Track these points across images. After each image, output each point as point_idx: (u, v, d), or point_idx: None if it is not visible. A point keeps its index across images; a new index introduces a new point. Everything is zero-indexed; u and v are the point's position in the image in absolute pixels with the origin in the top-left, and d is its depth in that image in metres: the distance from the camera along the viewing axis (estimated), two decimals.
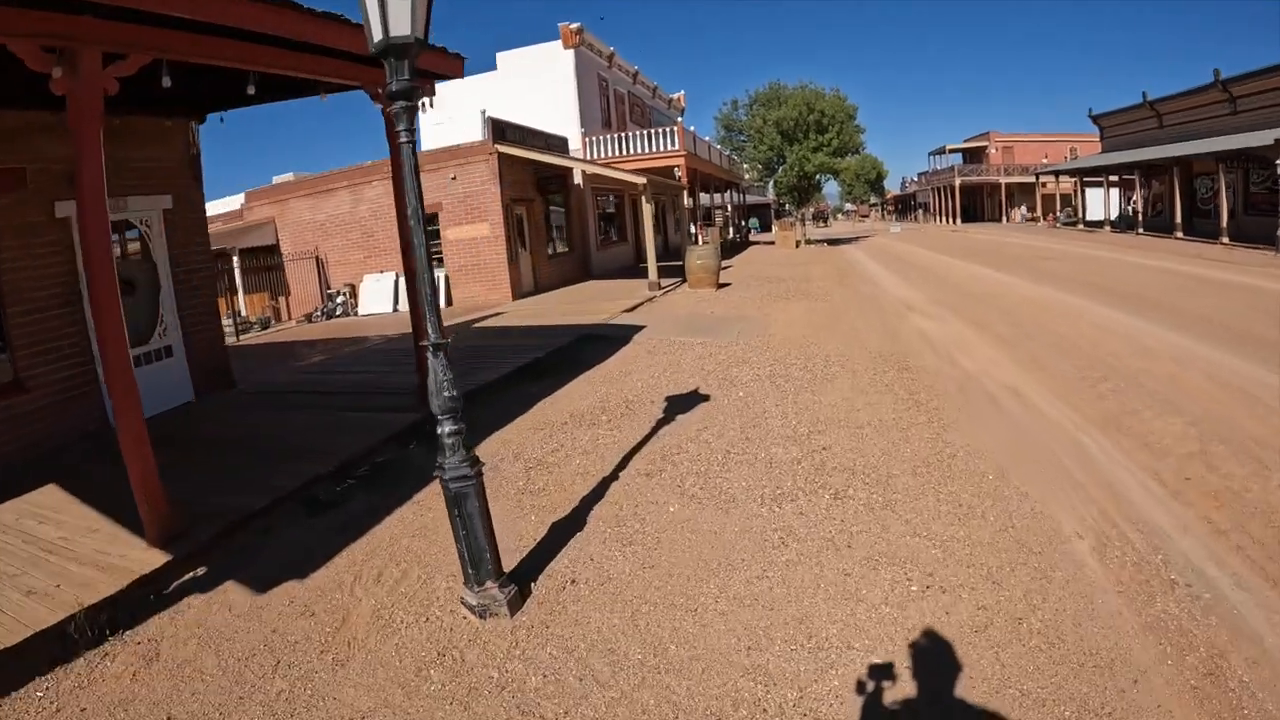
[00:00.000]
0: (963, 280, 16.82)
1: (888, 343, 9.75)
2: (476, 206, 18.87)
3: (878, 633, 3.21)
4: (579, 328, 12.30)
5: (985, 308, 12.36)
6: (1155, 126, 31.47)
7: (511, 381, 8.73)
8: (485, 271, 19.08)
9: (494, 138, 18.52)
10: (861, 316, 12.11)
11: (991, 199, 60.10)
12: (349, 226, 20.93)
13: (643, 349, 10.32)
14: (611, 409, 7.07)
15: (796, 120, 32.43)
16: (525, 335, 12.18)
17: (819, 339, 10.26)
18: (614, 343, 10.88)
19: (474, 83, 26.88)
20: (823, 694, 2.86)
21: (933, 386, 7.25)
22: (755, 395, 7.24)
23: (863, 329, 10.90)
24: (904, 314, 12.23)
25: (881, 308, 13.07)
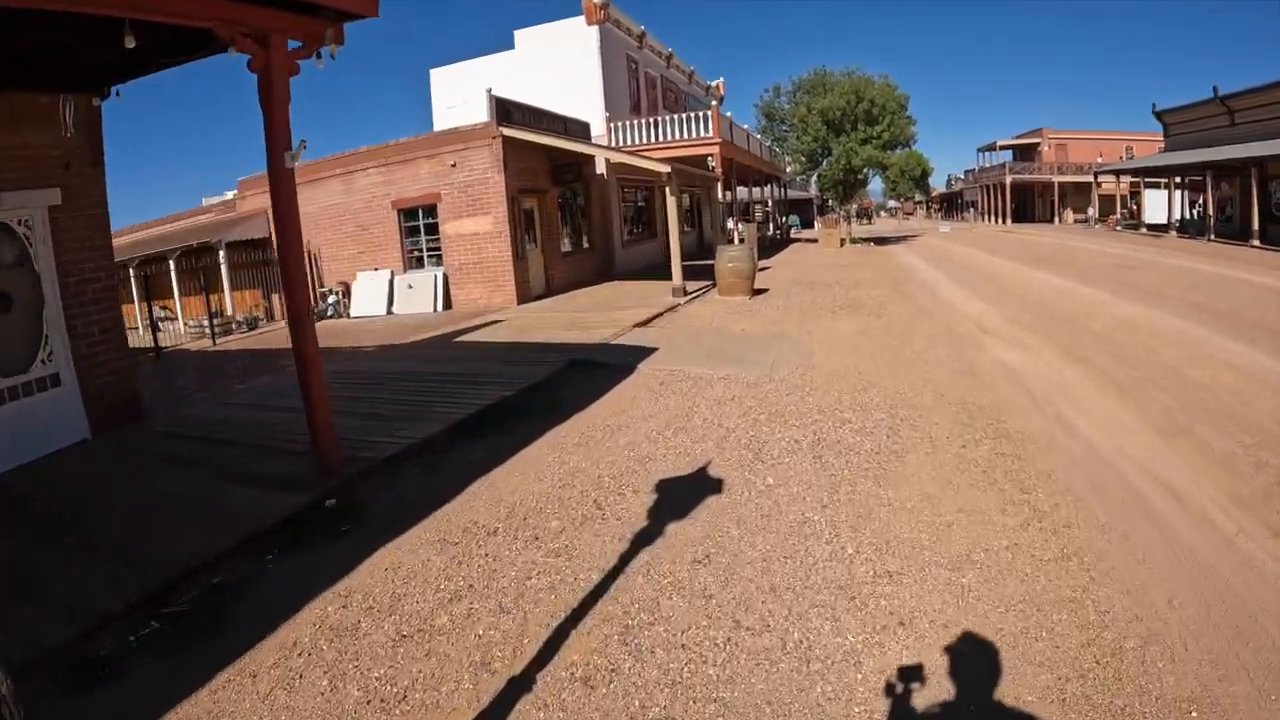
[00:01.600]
0: (1038, 293, 14.26)
1: (967, 384, 7.37)
2: (478, 198, 16.77)
3: None
4: (576, 348, 10.08)
5: (1077, 332, 9.87)
6: (1226, 124, 28.98)
7: (456, 437, 6.50)
8: (487, 271, 16.98)
9: (498, 119, 16.37)
10: (926, 340, 9.71)
11: (1043, 199, 57.56)
12: (341, 219, 19.04)
13: (646, 386, 8.05)
14: (572, 504, 4.80)
15: (844, 110, 29.79)
16: (507, 356, 10.01)
17: (877, 374, 7.91)
18: (612, 373, 8.64)
19: (489, 63, 24.83)
20: None
21: (1050, 476, 4.87)
22: (791, 484, 4.93)
23: (931, 360, 8.51)
24: (979, 338, 9.79)
25: (949, 328, 10.64)
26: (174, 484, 5.74)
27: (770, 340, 10.25)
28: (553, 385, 8.20)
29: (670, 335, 11.08)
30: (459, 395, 7.75)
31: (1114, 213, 45.09)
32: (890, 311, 12.34)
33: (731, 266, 14.49)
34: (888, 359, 8.69)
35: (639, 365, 8.92)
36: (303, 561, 4.34)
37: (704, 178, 19.78)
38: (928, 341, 9.64)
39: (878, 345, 9.54)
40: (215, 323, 17.12)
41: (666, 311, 13.42)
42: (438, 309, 17.18)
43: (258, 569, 4.31)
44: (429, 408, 7.34)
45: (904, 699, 2.75)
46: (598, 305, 14.94)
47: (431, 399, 7.71)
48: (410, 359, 10.60)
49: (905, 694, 2.77)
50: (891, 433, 5.91)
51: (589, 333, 11.39)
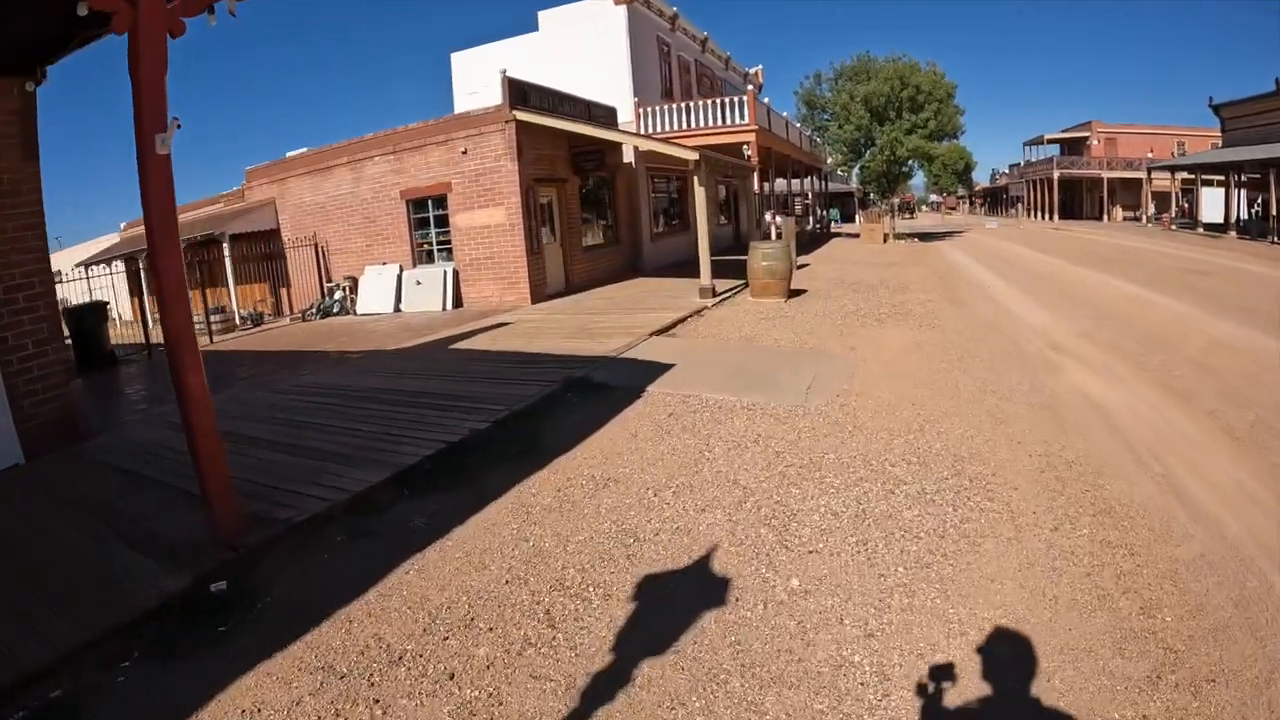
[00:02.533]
0: (1109, 302, 12.63)
1: (1048, 427, 5.92)
2: (490, 187, 15.56)
3: None
4: (580, 362, 8.80)
5: (1167, 356, 8.31)
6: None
7: (402, 488, 5.21)
8: (500, 267, 15.78)
9: (511, 102, 15.11)
10: (990, 361, 8.23)
11: (1091, 195, 55.64)
12: (349, 209, 18.02)
13: (652, 417, 6.72)
14: (517, 614, 3.46)
15: (888, 97, 28.04)
16: (499, 370, 8.76)
17: (935, 407, 6.49)
18: (614, 399, 7.32)
19: (512, 46, 23.59)
20: None
21: (1176, 582, 3.46)
22: (824, 589, 3.57)
23: (999, 389, 7.05)
24: (1052, 360, 8.29)
25: (1015, 345, 9.13)
26: (64, 539, 4.62)
27: (806, 356, 8.85)
28: (539, 414, 6.90)
29: (691, 347, 9.73)
30: (423, 426, 6.50)
31: (1167, 210, 42.87)
32: (944, 321, 10.84)
33: (765, 266, 13.07)
34: (947, 386, 7.25)
35: (648, 388, 7.59)
36: (155, 679, 3.18)
37: (739, 167, 18.31)
38: (992, 363, 8.17)
39: (933, 366, 8.09)
40: (217, 319, 16.21)
41: (691, 316, 12.06)
42: (447, 307, 16.05)
43: (105, 682, 3.16)
44: (383, 441, 6.10)
45: None
46: (617, 306, 13.64)
47: (391, 428, 6.48)
48: (390, 371, 9.41)
49: None
50: (959, 501, 4.51)
51: (599, 342, 10.10)
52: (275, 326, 16.76)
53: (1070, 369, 7.82)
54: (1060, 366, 7.95)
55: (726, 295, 13.95)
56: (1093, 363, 8.09)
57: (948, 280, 16.38)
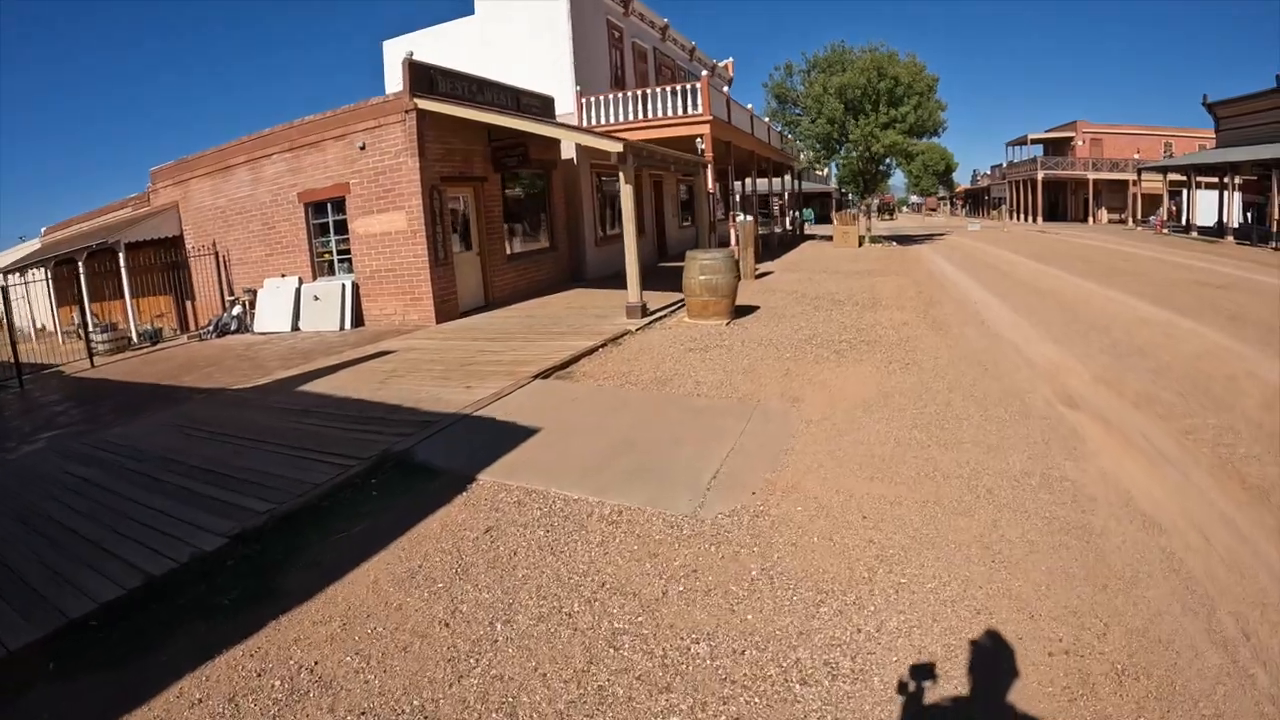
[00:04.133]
0: (1123, 326, 10.32)
1: (1079, 566, 3.54)
2: (390, 188, 13.13)
3: None
4: (416, 424, 6.37)
5: (1220, 413, 6.00)
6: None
7: (43, 659, 3.15)
8: (401, 281, 13.36)
9: (412, 88, 12.67)
10: (982, 426, 5.85)
11: (1076, 196, 54.29)
12: (249, 215, 15.55)
13: (456, 539, 4.27)
14: None
15: (864, 89, 25.66)
16: (315, 432, 6.35)
17: (897, 531, 4.07)
18: (424, 496, 4.90)
19: (447, 32, 21.06)
20: None
21: None
22: None
23: (998, 489, 4.64)
24: (1068, 422, 5.92)
25: (1017, 394, 6.75)
26: None
27: (729, 415, 6.44)
28: (311, 520, 4.56)
29: (580, 398, 7.31)
30: (155, 531, 4.33)
31: (1154, 213, 41.10)
32: (921, 354, 8.46)
33: (704, 281, 10.65)
34: (918, 478, 4.85)
35: (481, 475, 5.16)
36: None
37: (686, 162, 15.89)
38: (985, 430, 5.78)
39: (901, 435, 5.70)
40: (104, 338, 13.84)
41: (607, 344, 9.66)
42: (345, 326, 13.62)
43: None
44: (83, 559, 4.00)
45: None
46: (527, 329, 11.20)
47: (119, 526, 4.55)
48: (205, 423, 7.22)
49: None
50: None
51: (468, 387, 7.68)
52: (170, 345, 14.33)
53: (1096, 442, 5.44)
54: (1081, 436, 5.57)
55: (660, 315, 11.55)
56: (1125, 429, 5.73)
57: (928, 294, 14.04)
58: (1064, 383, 7.11)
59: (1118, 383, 7.05)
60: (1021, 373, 7.55)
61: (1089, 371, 7.52)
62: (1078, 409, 6.27)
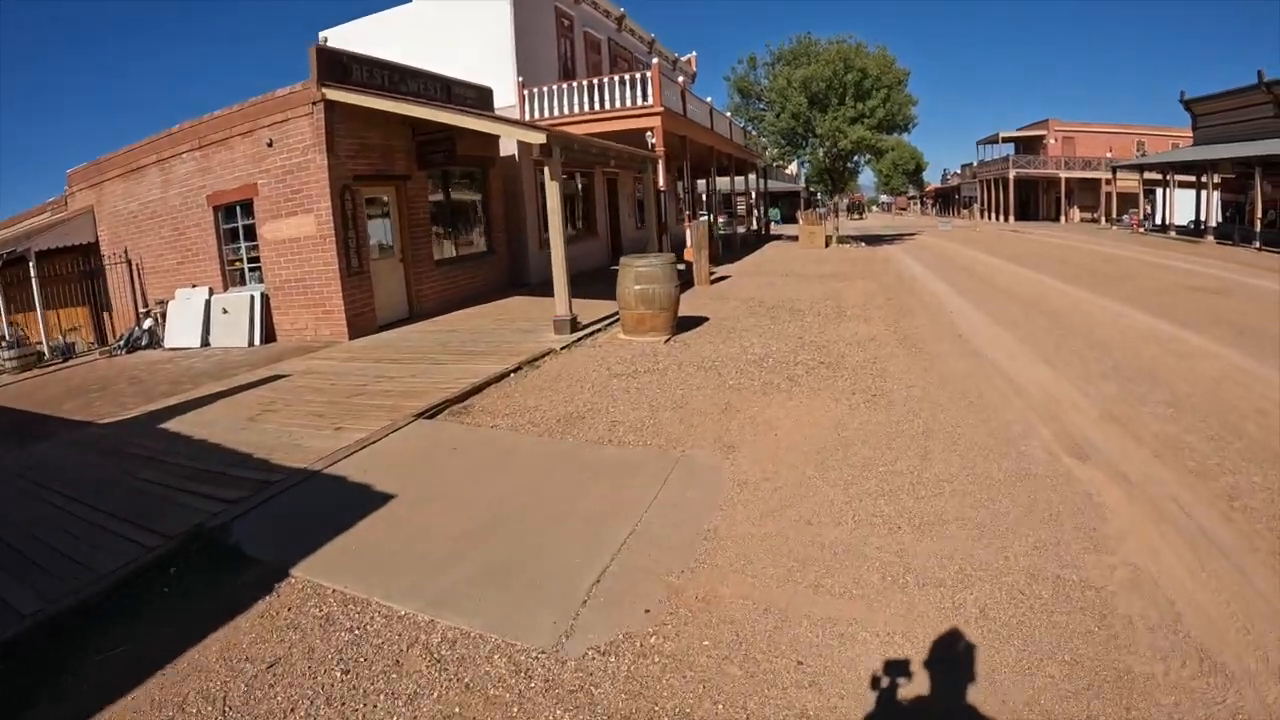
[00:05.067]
0: (1123, 341, 9.05)
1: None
2: (299, 189, 11.58)
3: None
4: (254, 482, 4.86)
5: (1267, 467, 4.67)
6: (1272, 114, 24.88)
7: None
8: (312, 292, 11.80)
9: (321, 77, 11.13)
10: (968, 491, 4.46)
11: (1048, 195, 53.93)
12: (160, 219, 13.92)
13: (211, 692, 2.77)
14: None
15: (830, 81, 24.35)
16: (142, 490, 4.82)
17: (859, 674, 2.68)
18: (217, 601, 3.44)
19: (385, 21, 19.36)
20: None
21: None
22: None
23: (994, 606, 3.27)
24: (1078, 483, 4.54)
25: (1009, 440, 5.35)
26: None
27: (639, 475, 4.98)
28: (75, 631, 3.08)
29: (459, 449, 5.81)
30: None
31: (1128, 212, 40.55)
32: (891, 381, 7.07)
33: (640, 291, 9.19)
34: (888, 578, 3.43)
35: (297, 569, 3.68)
36: None
37: (631, 156, 14.40)
38: (974, 499, 4.37)
39: (865, 510, 4.26)
40: (12, 354, 12.37)
41: (522, 367, 8.18)
42: (255, 342, 12.05)
43: None
44: None
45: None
46: (440, 348, 9.69)
47: None
48: (37, 471, 5.83)
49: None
50: None
51: (339, 429, 6.18)
52: (80, 362, 12.63)
53: (1119, 517, 4.06)
54: (1099, 506, 4.18)
55: (593, 329, 10.09)
56: (1151, 493, 4.36)
57: (898, 301, 12.70)
58: (1066, 422, 5.73)
59: (1131, 421, 5.69)
60: (1013, 407, 6.16)
61: (1093, 405, 6.16)
62: (1088, 461, 4.89)
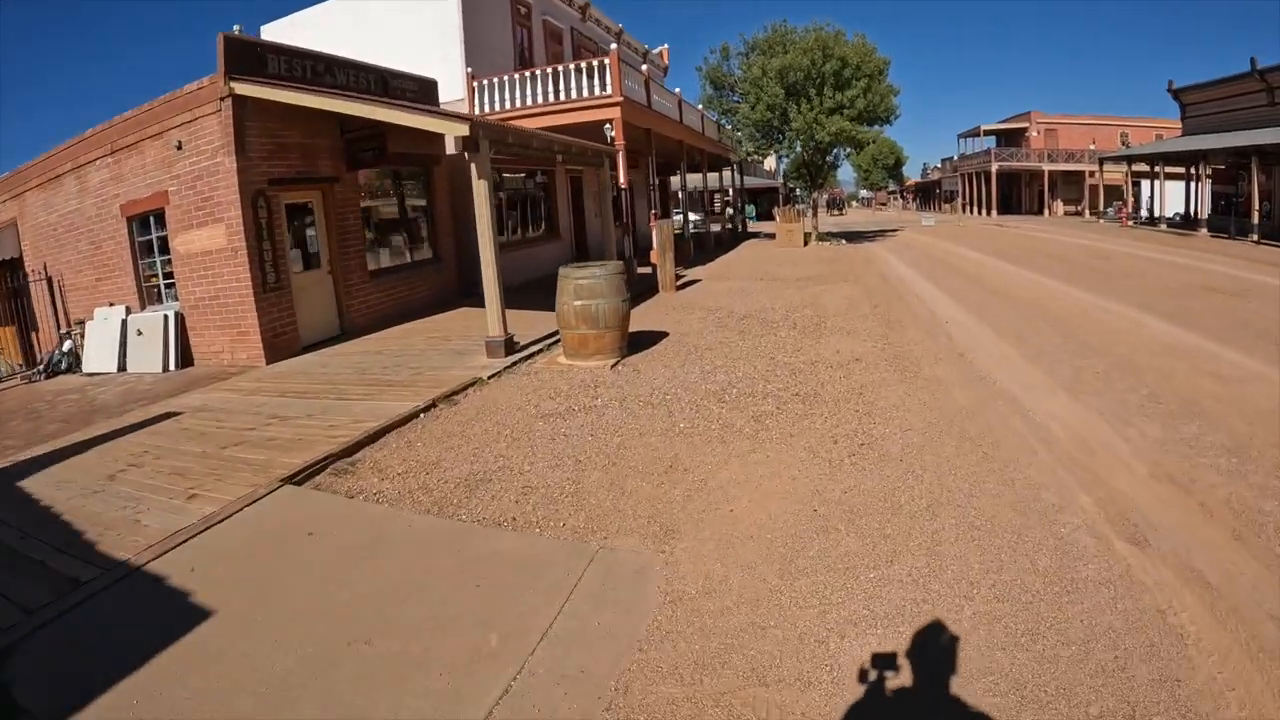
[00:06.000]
0: (1150, 357, 7.76)
1: None
2: (209, 195, 10.18)
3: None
4: (59, 581, 3.41)
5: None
6: (1265, 103, 24.05)
7: None
8: (226, 310, 10.39)
9: (230, 70, 9.73)
10: (994, 592, 3.12)
11: (1030, 188, 53.03)
12: (77, 231, 12.53)
13: None
14: None
15: (807, 70, 23.04)
16: None
17: None
18: None
19: (328, 12, 17.82)
20: None
21: None
22: None
23: None
24: (1142, 586, 3.23)
25: (1041, 513, 4.02)
26: None
27: (538, 582, 3.59)
28: None
29: (318, 534, 4.39)
30: None
31: (1112, 204, 39.66)
32: (883, 423, 5.71)
33: (580, 308, 7.78)
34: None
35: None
36: None
37: (582, 151, 12.96)
38: (1003, 617, 3.03)
39: (851, 642, 2.91)
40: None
41: (438, 403, 6.77)
42: (169, 367, 10.62)
43: None
44: None
45: None
46: (354, 378, 8.26)
47: None
48: None
49: None
50: None
51: (193, 496, 4.80)
52: (2, 388, 11.10)
53: (1206, 656, 2.71)
54: (1176, 633, 2.84)
55: (532, 351, 8.69)
56: (1242, 606, 3.02)
57: (885, 309, 11.38)
58: (1109, 483, 4.39)
59: (1191, 482, 4.36)
60: (1039, 461, 4.80)
61: (1137, 455, 4.82)
62: (1148, 549, 3.56)
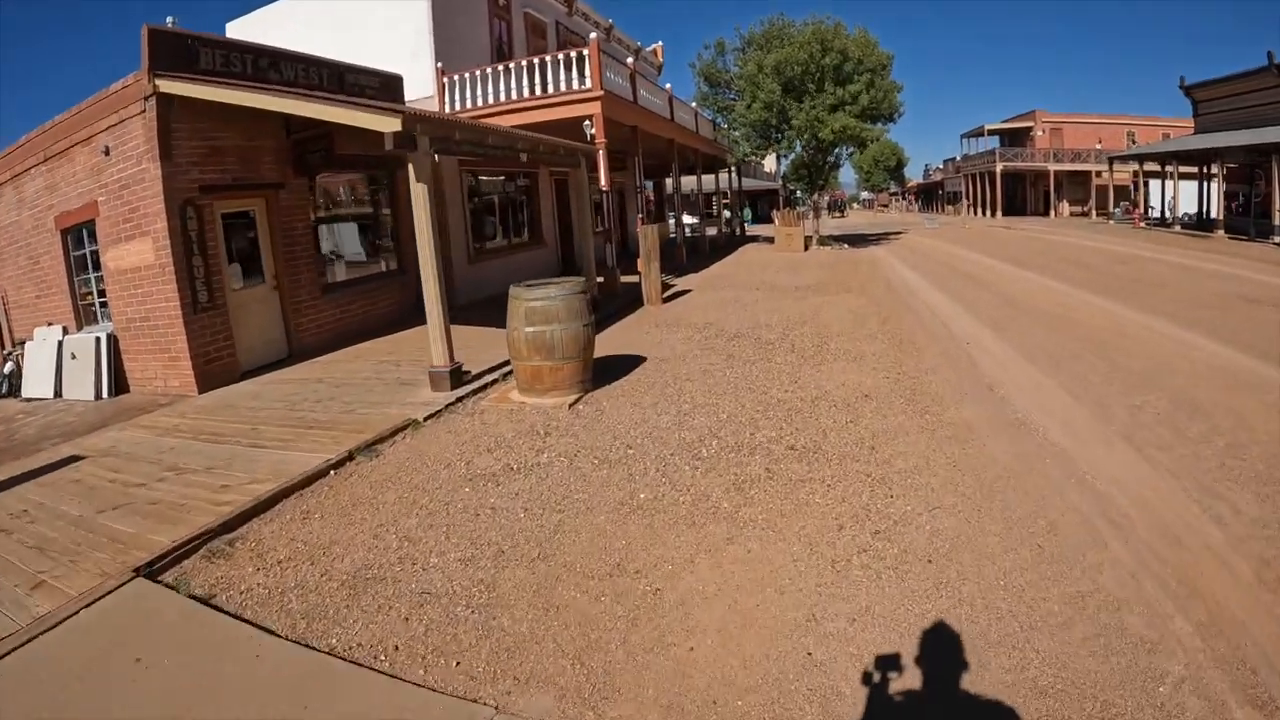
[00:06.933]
0: (1207, 387, 6.48)
1: None
2: (135, 206, 9.05)
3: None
4: None
5: None
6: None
7: None
8: (157, 333, 9.25)
9: (155, 65, 8.55)
10: None
11: (1035, 189, 51.71)
12: (17, 246, 11.62)
13: None
14: None
15: (806, 65, 21.75)
16: None
17: None
18: None
19: (294, 8, 16.66)
20: None
21: None
22: None
23: None
24: None
25: (1143, 665, 2.78)
26: None
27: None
28: None
29: (160, 653, 3.10)
30: None
31: (1119, 205, 38.65)
32: (902, 495, 4.42)
33: (532, 335, 6.49)
34: None
35: None
36: None
37: (552, 149, 11.65)
38: None
39: None
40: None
41: (356, 455, 5.51)
42: (103, 393, 9.55)
43: None
44: None
45: None
46: (281, 415, 6.98)
47: None
48: None
49: None
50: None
51: (41, 584, 3.51)
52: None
53: None
54: None
55: (484, 381, 7.41)
56: None
57: (895, 324, 10.09)
58: (1209, 598, 3.09)
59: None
60: (1112, 558, 3.49)
61: (1238, 547, 3.51)
62: None
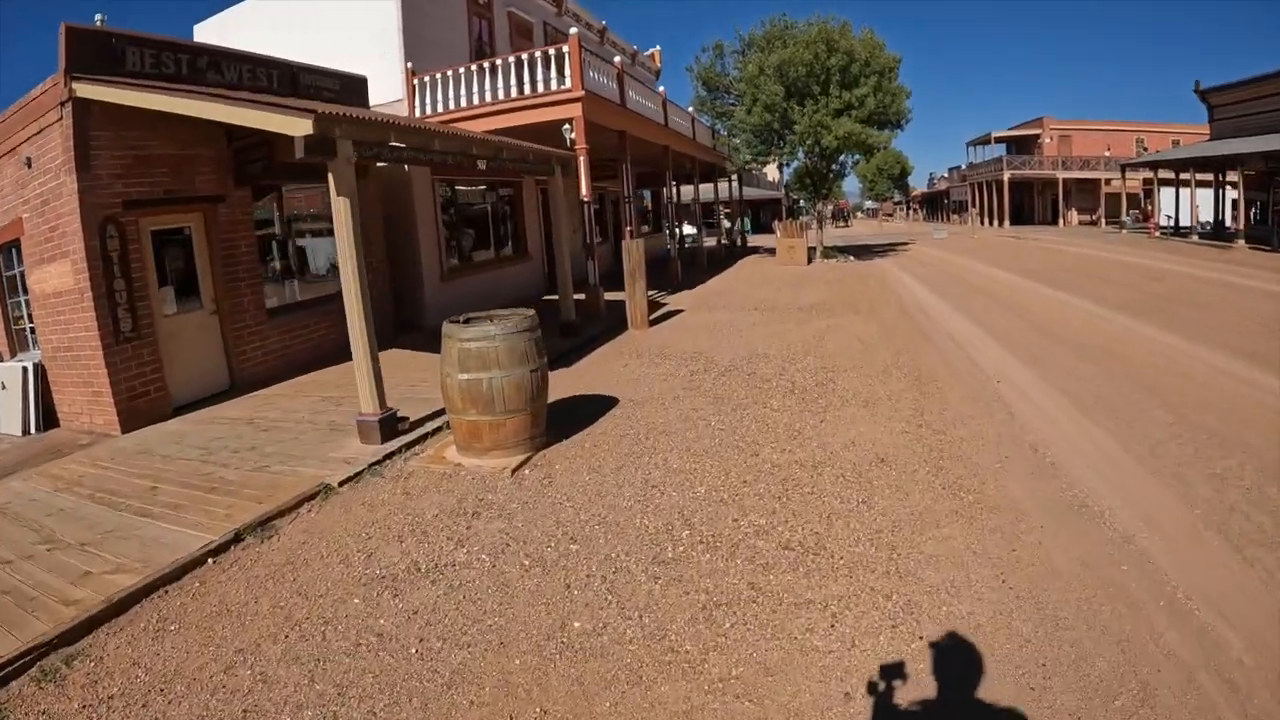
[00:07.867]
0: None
1: None
2: (55, 223, 8.02)
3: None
4: None
5: None
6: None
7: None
8: (80, 364, 8.25)
9: (72, 66, 7.51)
10: None
11: (1043, 197, 50.90)
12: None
13: None
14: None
15: (810, 66, 20.60)
16: None
17: None
18: None
19: (262, 8, 15.59)
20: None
21: None
22: None
23: None
24: None
25: None
26: None
27: None
28: None
29: None
30: None
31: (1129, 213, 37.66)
32: (929, 628, 3.25)
33: (466, 385, 5.26)
34: None
35: None
36: None
37: (522, 155, 10.42)
38: None
39: None
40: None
41: (245, 536, 4.34)
42: (31, 428, 8.65)
43: None
44: None
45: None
46: (193, 466, 5.82)
47: None
48: None
49: None
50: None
51: None
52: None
53: None
54: None
55: (423, 431, 6.22)
56: None
57: (911, 354, 8.88)
58: None
59: None
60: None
61: None
62: None
